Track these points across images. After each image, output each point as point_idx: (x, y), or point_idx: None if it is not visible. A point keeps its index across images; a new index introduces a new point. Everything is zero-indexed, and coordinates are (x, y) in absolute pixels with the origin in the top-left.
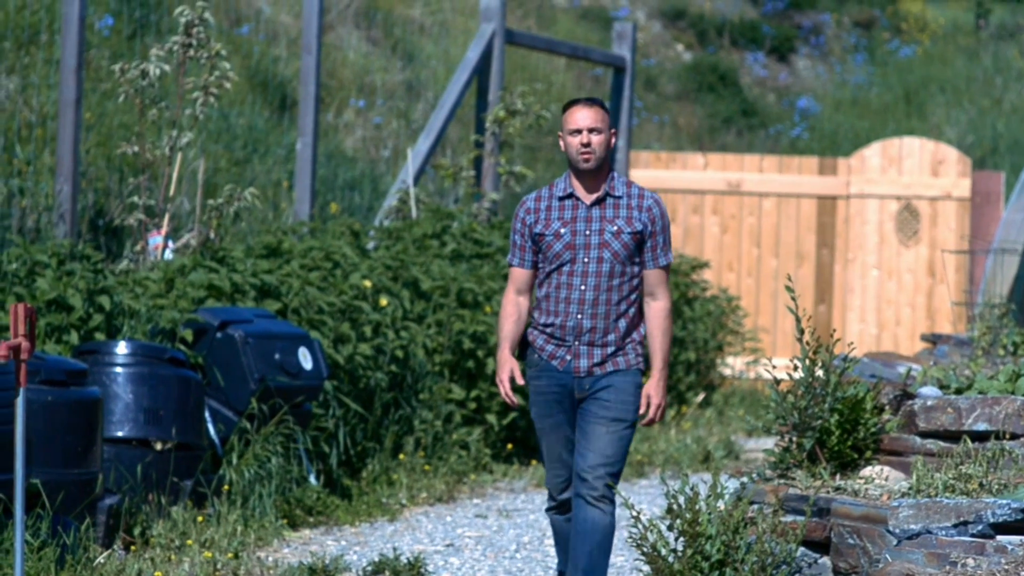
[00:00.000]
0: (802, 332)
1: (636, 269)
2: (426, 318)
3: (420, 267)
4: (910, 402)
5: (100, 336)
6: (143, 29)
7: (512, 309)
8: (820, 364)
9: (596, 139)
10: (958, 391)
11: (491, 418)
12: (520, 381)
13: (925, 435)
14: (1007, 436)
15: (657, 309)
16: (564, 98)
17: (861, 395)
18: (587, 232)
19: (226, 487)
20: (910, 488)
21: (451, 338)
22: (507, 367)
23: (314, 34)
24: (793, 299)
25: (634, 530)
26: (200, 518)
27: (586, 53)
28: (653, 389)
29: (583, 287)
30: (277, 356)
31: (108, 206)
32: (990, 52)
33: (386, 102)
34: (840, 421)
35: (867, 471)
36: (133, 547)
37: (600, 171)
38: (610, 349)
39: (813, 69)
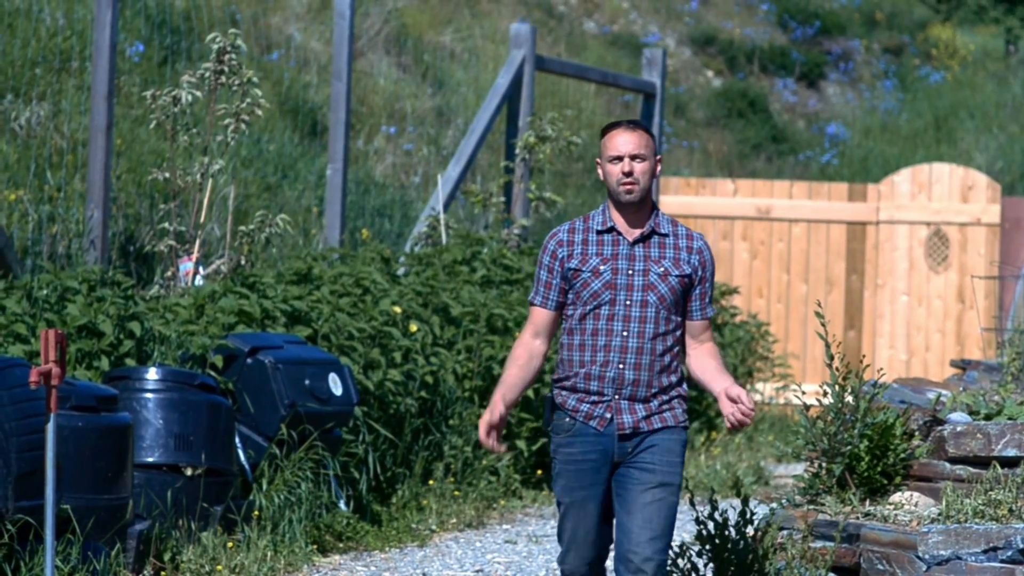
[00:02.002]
0: (832, 358)
1: (679, 318)
2: (456, 344)
3: (450, 293)
4: (939, 428)
5: (130, 362)
6: (174, 56)
7: (522, 352)
8: (850, 390)
9: (640, 167)
10: (987, 417)
11: (520, 444)
12: (480, 433)
13: (954, 461)
14: None
15: (706, 348)
16: (595, 124)
17: (891, 421)
18: (630, 272)
19: (256, 513)
20: (939, 514)
21: (481, 364)
22: (488, 417)
23: (344, 60)
24: (823, 325)
25: None
26: (230, 544)
27: (616, 79)
28: (735, 389)
29: (625, 333)
30: (307, 382)
31: (139, 232)
32: (1019, 78)
33: (416, 128)
34: (870, 447)
35: (896, 497)
36: (163, 573)
37: (644, 204)
38: (655, 404)
39: (842, 95)
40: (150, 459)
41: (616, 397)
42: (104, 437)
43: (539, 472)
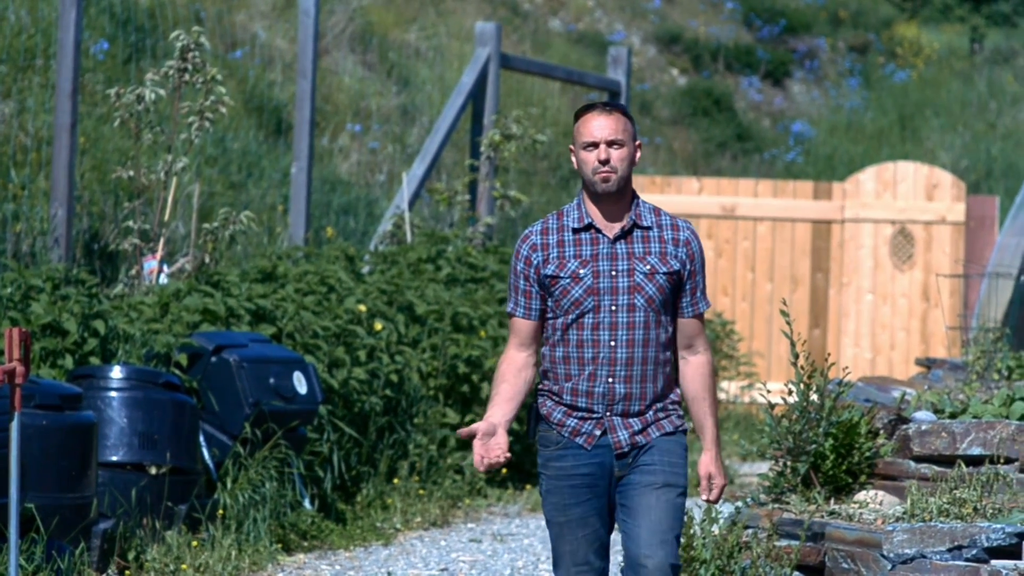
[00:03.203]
0: (797, 356)
1: (669, 318)
2: (421, 342)
3: (415, 291)
4: (904, 426)
5: (95, 360)
6: (138, 54)
7: (507, 368)
8: (815, 388)
9: (617, 154)
10: (952, 415)
11: None
12: (462, 432)
13: (919, 459)
14: (1001, 460)
15: (698, 364)
16: (560, 123)
17: (856, 419)
18: (612, 273)
19: (220, 511)
20: (904, 512)
21: (446, 362)
22: (483, 423)
23: (309, 58)
24: (788, 323)
25: None
26: (195, 542)
27: (581, 77)
28: (712, 466)
29: (612, 343)
30: (272, 380)
31: (103, 230)
32: (984, 76)
33: (381, 127)
34: (835, 445)
35: (861, 495)
36: (127, 572)
37: (623, 195)
38: (650, 414)
39: (808, 93)
40: (114, 458)
41: (607, 414)
42: (68, 436)
43: (504, 471)
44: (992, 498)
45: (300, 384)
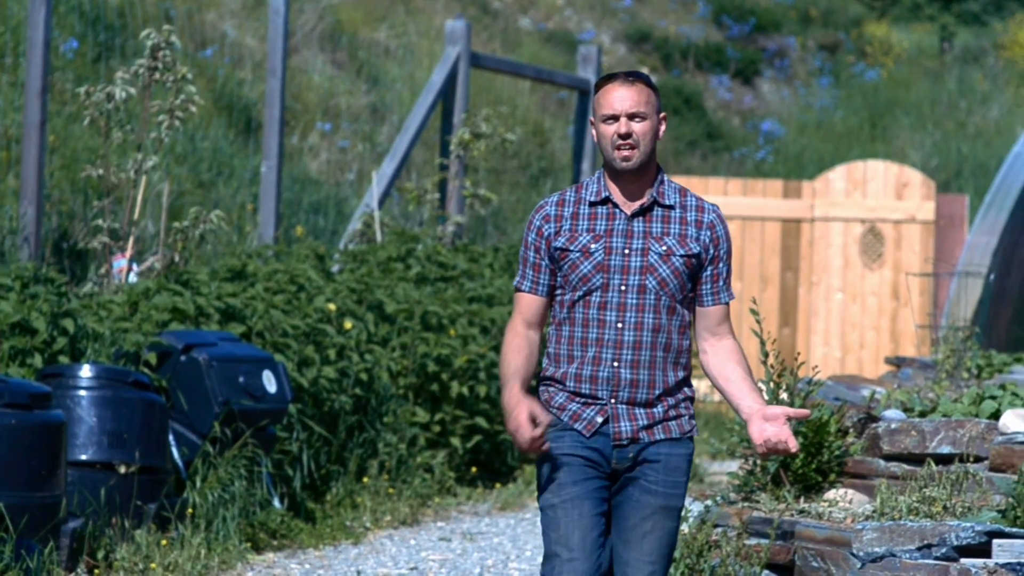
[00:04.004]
0: (766, 355)
1: (685, 306)
2: (390, 341)
3: (385, 290)
4: (874, 425)
5: (64, 359)
6: (108, 52)
7: (521, 342)
8: (785, 387)
9: (640, 128)
10: (922, 414)
11: (455, 441)
12: (543, 418)
13: (889, 458)
14: (971, 459)
15: (728, 347)
16: (529, 121)
17: (825, 418)
18: (625, 251)
19: (190, 510)
20: (874, 511)
21: (415, 361)
22: (523, 407)
23: (279, 57)
24: (758, 322)
25: None
26: (164, 541)
27: (551, 76)
28: (777, 410)
29: (620, 324)
30: (241, 379)
31: (72, 229)
32: (954, 75)
33: (351, 125)
34: (804, 444)
35: (831, 494)
36: (96, 571)
37: (645, 172)
38: (658, 409)
39: (778, 92)
40: (84, 457)
41: (612, 400)
42: (37, 435)
43: (474, 469)
44: (962, 497)
45: (270, 383)
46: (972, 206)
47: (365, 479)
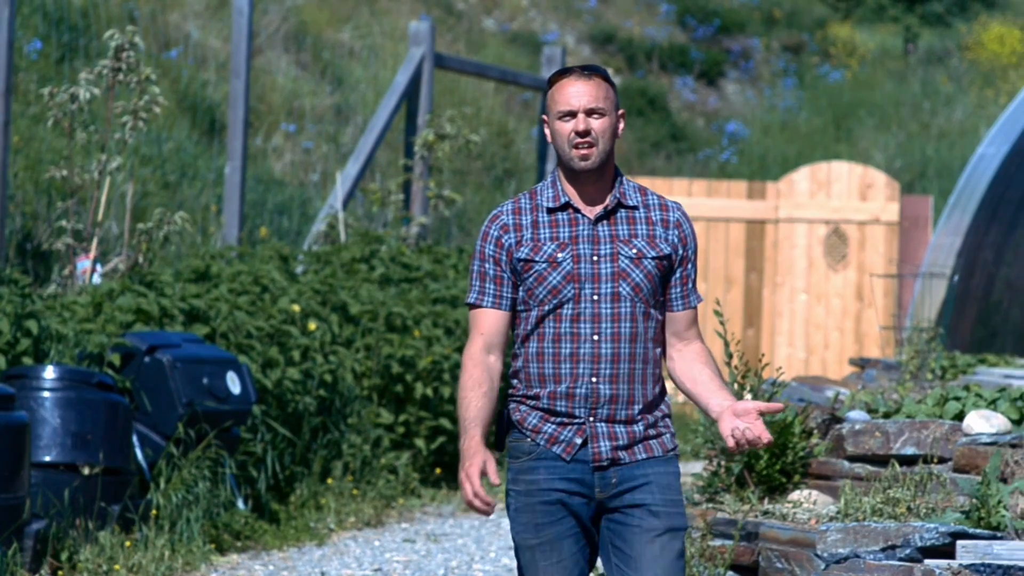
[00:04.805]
0: (731, 356)
1: (659, 311)
2: (355, 342)
3: (349, 291)
4: (838, 426)
5: (28, 360)
6: (72, 53)
7: (480, 375)
8: (749, 388)
9: (598, 125)
10: (886, 415)
11: (419, 443)
12: (495, 480)
13: (853, 459)
14: (935, 460)
15: (697, 350)
16: (493, 122)
17: (789, 419)
18: (594, 258)
19: (154, 512)
20: (838, 512)
21: (380, 362)
22: (478, 459)
23: (243, 58)
24: (722, 323)
25: None
26: (128, 543)
27: (515, 77)
28: (748, 404)
29: (595, 336)
30: (205, 380)
31: (36, 230)
32: (918, 77)
33: (315, 126)
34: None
35: (795, 495)
36: (60, 572)
37: (604, 172)
38: (638, 427)
39: (742, 93)
40: (47, 458)
41: (591, 419)
42: (1, 436)
43: (438, 471)
44: (926, 498)
45: (234, 384)
46: (936, 207)
47: (329, 480)
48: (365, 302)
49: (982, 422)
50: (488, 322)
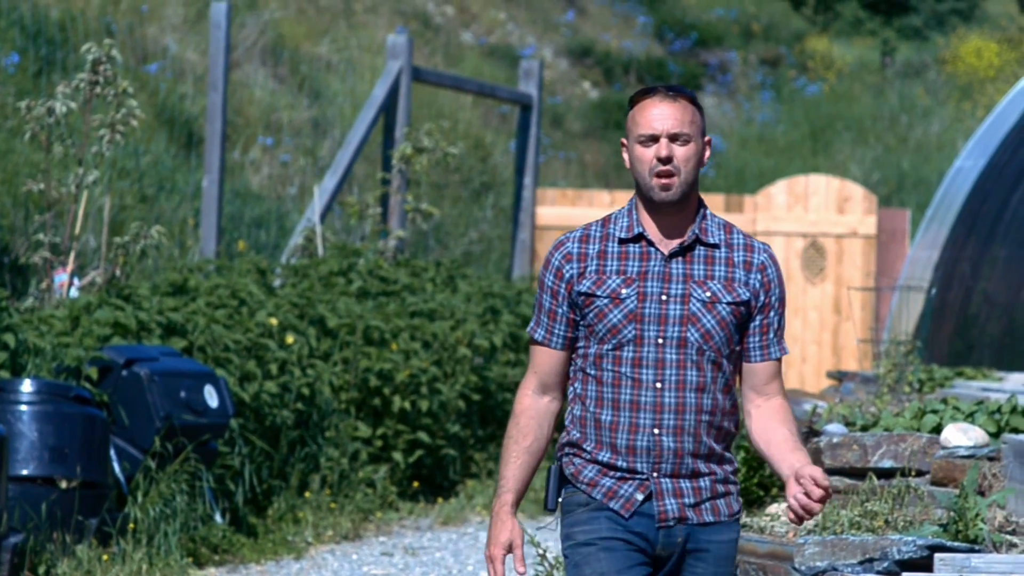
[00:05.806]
0: None
1: (732, 361)
2: (332, 356)
3: (326, 305)
4: (816, 439)
5: (4, 374)
6: (49, 66)
7: (527, 423)
8: None
9: (682, 152)
10: (864, 428)
11: (397, 456)
12: (521, 569)
13: (831, 472)
14: (913, 473)
15: (777, 406)
16: (471, 136)
17: None
18: (663, 297)
19: (131, 525)
20: (816, 525)
21: (357, 376)
22: (503, 537)
23: (220, 71)
24: None
25: (540, 568)
26: (105, 557)
27: (493, 91)
28: (813, 471)
29: (658, 384)
30: (183, 394)
31: (13, 244)
32: (896, 90)
33: (293, 139)
34: (746, 458)
35: (773, 508)
36: None
37: (686, 204)
38: (704, 482)
39: (720, 107)
40: (24, 472)
41: (654, 474)
42: None
43: (415, 484)
44: (903, 511)
45: (211, 398)
46: (914, 220)
47: (307, 494)
48: (343, 315)
49: (960, 435)
50: (541, 359)
